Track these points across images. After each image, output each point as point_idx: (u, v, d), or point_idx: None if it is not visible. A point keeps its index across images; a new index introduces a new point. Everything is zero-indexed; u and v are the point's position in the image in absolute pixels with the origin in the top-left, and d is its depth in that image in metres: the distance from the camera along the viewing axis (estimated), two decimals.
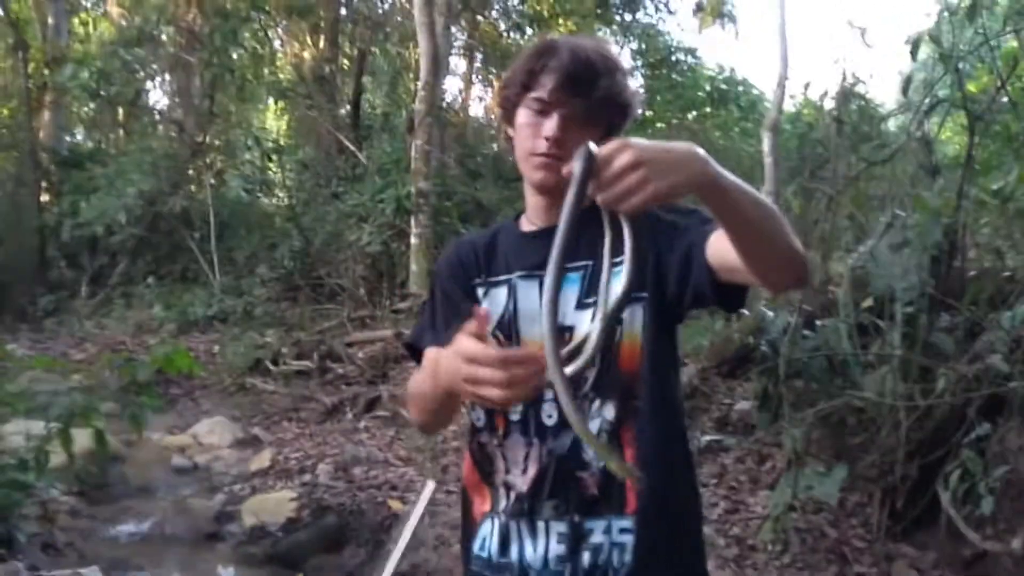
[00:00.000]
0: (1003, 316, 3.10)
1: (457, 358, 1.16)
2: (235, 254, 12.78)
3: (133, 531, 5.18)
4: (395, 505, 5.08)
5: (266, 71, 15.70)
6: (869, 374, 4.08)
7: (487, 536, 1.53)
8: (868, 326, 3.88)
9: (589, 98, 1.44)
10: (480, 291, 1.55)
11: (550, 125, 1.43)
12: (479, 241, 1.61)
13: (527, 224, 1.58)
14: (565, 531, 1.45)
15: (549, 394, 1.43)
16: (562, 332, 1.42)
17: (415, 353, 1.59)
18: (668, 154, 1.12)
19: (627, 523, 1.45)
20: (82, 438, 4.22)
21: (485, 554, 1.52)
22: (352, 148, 12.52)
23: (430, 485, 3.65)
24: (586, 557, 1.44)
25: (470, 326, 1.17)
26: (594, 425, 1.44)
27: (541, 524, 1.47)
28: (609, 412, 1.45)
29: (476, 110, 17.93)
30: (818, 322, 4.11)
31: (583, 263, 1.47)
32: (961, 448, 3.50)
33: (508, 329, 1.50)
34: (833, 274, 4.21)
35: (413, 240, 9.91)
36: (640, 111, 1.59)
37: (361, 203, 10.54)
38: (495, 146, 15.49)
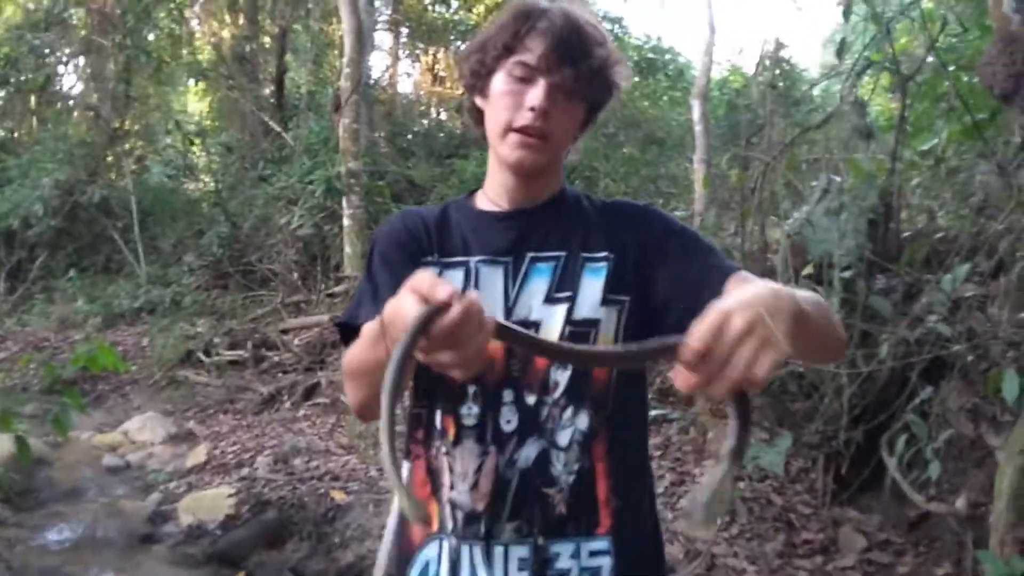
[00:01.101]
0: (943, 278, 3.10)
1: (410, 301, 0.95)
2: (160, 242, 12.41)
3: (63, 537, 4.98)
4: (338, 495, 4.96)
5: (184, 52, 15.21)
6: None
7: (431, 560, 1.35)
8: None
9: (581, 68, 1.28)
10: (432, 271, 1.35)
11: (536, 94, 1.27)
12: (428, 215, 1.42)
13: (487, 203, 1.41)
14: (527, 556, 1.29)
15: (508, 396, 1.30)
16: (527, 327, 1.28)
17: (349, 334, 1.33)
18: (768, 299, 0.92)
19: (599, 544, 1.31)
20: (3, 443, 4.02)
21: None
22: (277, 129, 12.20)
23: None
24: None
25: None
26: (566, 435, 1.30)
27: (499, 549, 1.29)
28: (583, 422, 1.30)
29: (404, 86, 17.66)
30: None
31: (555, 254, 1.34)
32: (904, 412, 3.52)
33: None
34: (771, 241, 4.19)
35: (346, 221, 9.68)
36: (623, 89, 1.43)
37: (289, 185, 10.27)
38: (425, 123, 15.29)
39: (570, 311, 1.31)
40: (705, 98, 8.75)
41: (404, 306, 0.96)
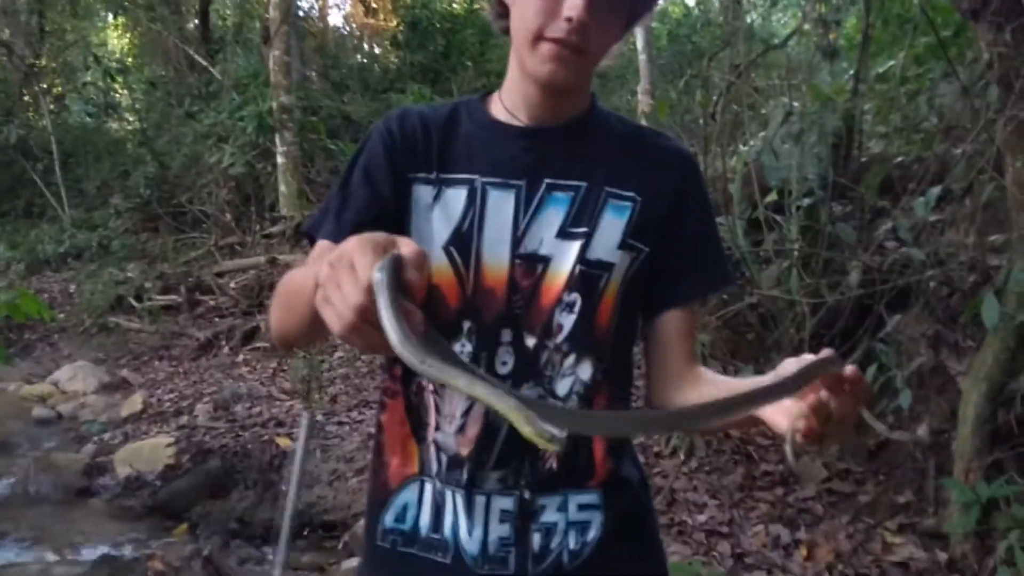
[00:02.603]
0: (916, 202, 3.01)
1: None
2: (84, 185, 11.92)
3: None
4: (283, 442, 4.79)
5: None
6: (765, 270, 4.00)
7: (410, 504, 1.22)
8: (770, 221, 3.76)
9: None
10: (423, 189, 1.17)
11: (575, 3, 1.07)
12: (432, 118, 1.21)
13: (503, 112, 1.21)
14: (511, 508, 1.17)
15: (507, 336, 1.15)
16: (536, 262, 1.16)
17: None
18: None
19: (589, 498, 1.20)
20: None
21: (406, 526, 1.22)
22: (204, 63, 11.70)
23: (305, 416, 3.37)
24: (536, 539, 1.18)
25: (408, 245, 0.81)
26: (565, 385, 1.16)
27: (480, 499, 1.17)
28: (585, 372, 1.16)
29: (335, 19, 17.09)
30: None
31: (575, 183, 1.18)
32: (863, 341, 3.46)
33: (465, 246, 1.15)
34: (730, 168, 4.06)
35: (280, 159, 9.37)
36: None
37: (219, 122, 9.86)
38: (359, 57, 14.84)
39: (584, 249, 1.16)
40: (649, 27, 8.56)
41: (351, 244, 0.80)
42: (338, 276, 0.78)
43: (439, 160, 1.18)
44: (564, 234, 1.16)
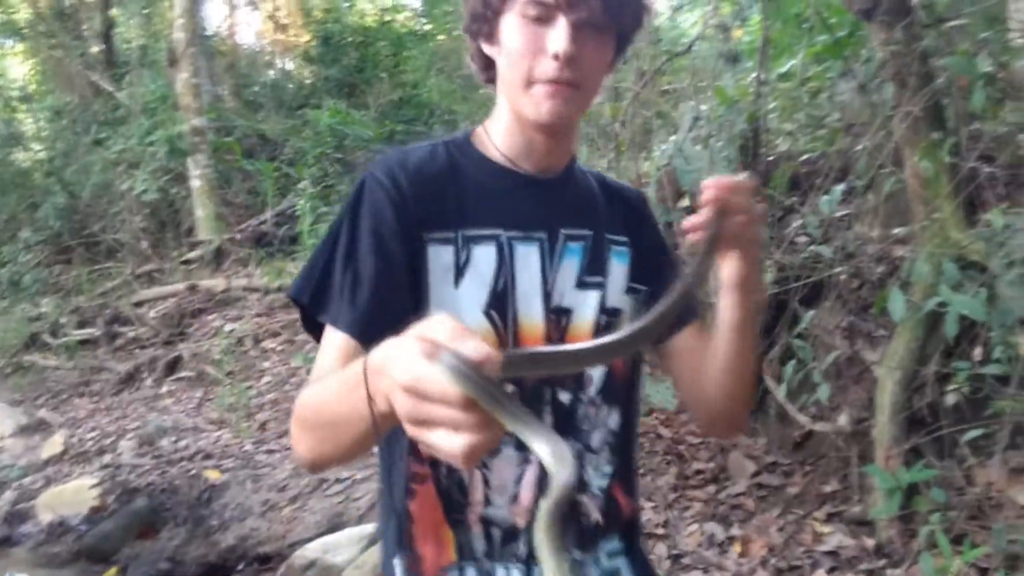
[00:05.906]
0: (821, 200, 3.09)
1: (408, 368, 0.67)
2: None
3: None
4: (212, 475, 4.69)
5: None
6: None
7: None
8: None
9: None
10: (441, 250, 1.07)
11: (559, 38, 1.02)
12: (432, 167, 1.12)
13: (501, 158, 1.15)
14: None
15: (547, 394, 1.13)
16: (560, 315, 1.13)
17: (312, 324, 1.10)
18: None
19: (613, 545, 1.20)
20: None
21: None
22: (109, 88, 11.39)
23: None
24: None
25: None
26: (599, 437, 1.16)
27: (538, 571, 1.09)
28: (614, 421, 1.17)
29: (245, 37, 16.80)
30: None
31: (583, 232, 1.17)
32: (782, 336, 3.53)
33: (502, 306, 1.09)
34: (643, 174, 4.13)
35: (195, 183, 9.19)
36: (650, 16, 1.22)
37: (128, 148, 9.62)
38: (272, 73, 14.63)
39: (603, 298, 1.16)
40: None
41: (404, 359, 0.69)
42: (429, 405, 0.66)
43: (458, 215, 1.11)
44: (581, 284, 1.15)
